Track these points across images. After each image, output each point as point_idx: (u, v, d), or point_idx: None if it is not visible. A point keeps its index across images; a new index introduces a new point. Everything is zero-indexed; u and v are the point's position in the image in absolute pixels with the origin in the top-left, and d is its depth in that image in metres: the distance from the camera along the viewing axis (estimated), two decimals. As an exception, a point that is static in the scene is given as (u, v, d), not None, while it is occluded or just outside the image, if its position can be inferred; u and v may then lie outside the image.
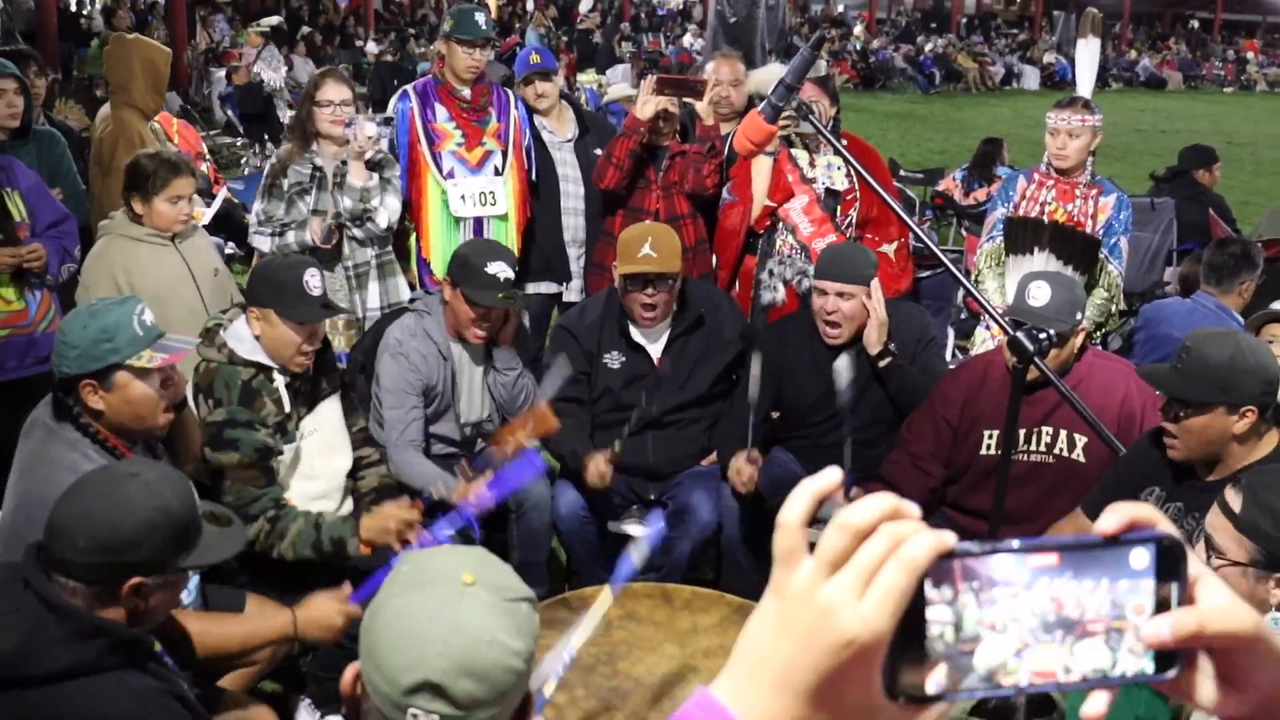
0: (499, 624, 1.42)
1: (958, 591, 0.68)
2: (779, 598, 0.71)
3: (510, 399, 3.99)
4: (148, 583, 2.06)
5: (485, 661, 1.40)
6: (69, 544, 2.02)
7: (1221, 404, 2.73)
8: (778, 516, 0.72)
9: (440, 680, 1.39)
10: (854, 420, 3.95)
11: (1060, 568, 0.69)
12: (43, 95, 5.85)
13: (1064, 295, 3.28)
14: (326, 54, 18.49)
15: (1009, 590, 0.69)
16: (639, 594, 3.25)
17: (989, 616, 0.68)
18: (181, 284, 4.00)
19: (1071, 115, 4.46)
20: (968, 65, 28.31)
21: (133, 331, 2.75)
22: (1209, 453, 2.79)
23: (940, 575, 0.68)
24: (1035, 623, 0.69)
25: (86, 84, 12.37)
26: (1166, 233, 7.20)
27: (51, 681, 1.95)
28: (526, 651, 1.44)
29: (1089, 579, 0.69)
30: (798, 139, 4.64)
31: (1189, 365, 2.78)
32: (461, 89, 4.78)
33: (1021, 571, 0.69)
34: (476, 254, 3.78)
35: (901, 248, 4.66)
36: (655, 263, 3.78)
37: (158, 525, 2.07)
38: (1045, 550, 0.69)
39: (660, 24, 28.92)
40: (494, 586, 1.46)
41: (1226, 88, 33.42)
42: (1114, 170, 13.04)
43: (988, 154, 9.38)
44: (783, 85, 2.40)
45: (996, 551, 0.69)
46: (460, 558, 1.50)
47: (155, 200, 3.93)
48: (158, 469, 2.28)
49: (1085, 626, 0.69)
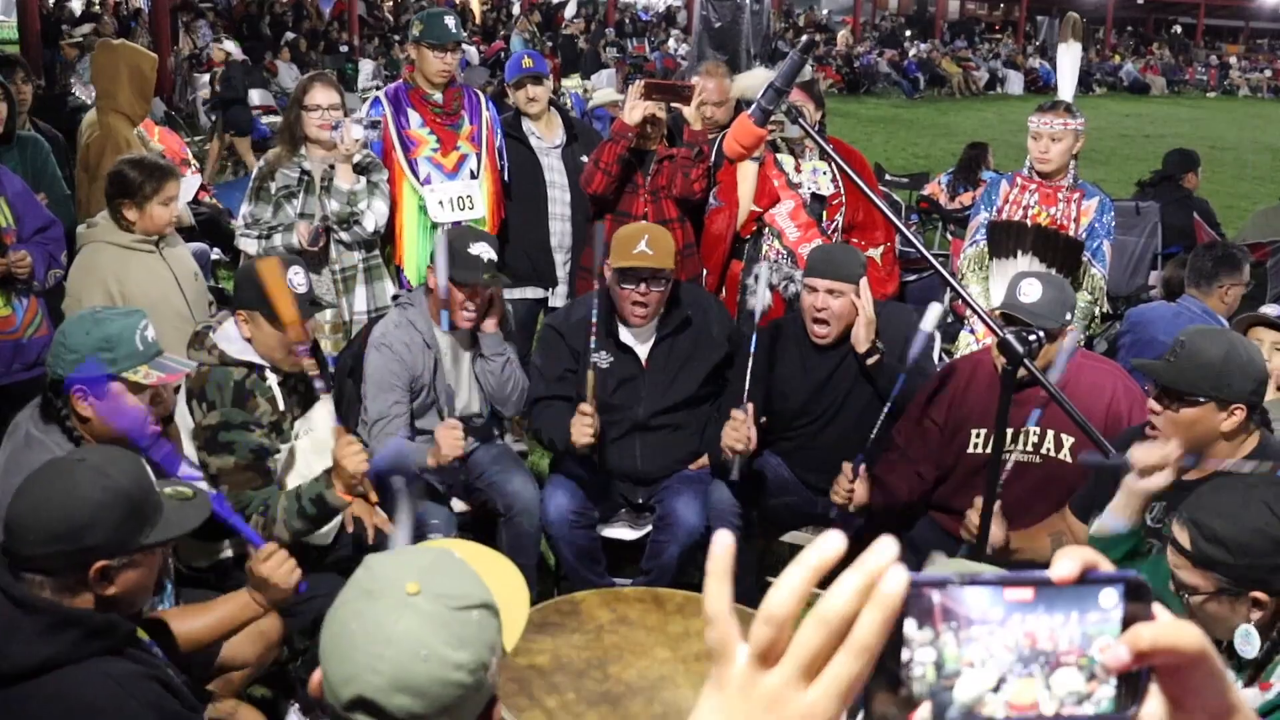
0: (437, 637, 1.39)
1: (938, 632, 0.70)
2: (720, 691, 0.69)
3: (499, 386, 3.99)
4: (112, 565, 2.05)
5: (420, 677, 1.37)
6: (26, 539, 2.01)
7: (1213, 399, 2.74)
8: (704, 607, 0.70)
9: (373, 696, 1.37)
10: (842, 419, 3.98)
11: (1034, 603, 0.71)
12: (28, 101, 5.83)
13: (1054, 294, 3.31)
14: (311, 60, 18.45)
15: (986, 628, 0.70)
16: (630, 598, 3.26)
17: (968, 654, 0.70)
18: (169, 290, 4.00)
19: (1053, 119, 4.48)
20: (952, 70, 28.42)
21: (134, 345, 2.75)
22: (1194, 448, 2.80)
23: (922, 616, 0.69)
24: (1011, 657, 0.70)
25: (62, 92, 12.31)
26: (1151, 236, 7.24)
27: (29, 677, 1.94)
28: (473, 663, 1.41)
29: (1060, 613, 0.71)
30: (783, 144, 4.66)
31: (1182, 359, 2.79)
32: (434, 93, 4.78)
33: (997, 608, 0.70)
34: (459, 238, 3.81)
35: (888, 252, 4.68)
36: (650, 259, 3.79)
37: (110, 505, 2.05)
38: (1021, 585, 0.71)
39: (644, 29, 28.94)
40: (440, 595, 1.42)
41: (1209, 92, 33.67)
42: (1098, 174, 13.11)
43: (973, 158, 9.41)
44: (772, 89, 2.41)
45: (975, 584, 0.71)
46: (413, 562, 1.46)
47: (150, 205, 3.92)
48: (105, 452, 2.25)
49: (1059, 658, 0.71)
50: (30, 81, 6.15)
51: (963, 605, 0.70)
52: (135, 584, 2.12)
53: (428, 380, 3.87)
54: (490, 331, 3.93)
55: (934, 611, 0.69)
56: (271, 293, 2.97)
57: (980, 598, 0.70)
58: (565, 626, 3.07)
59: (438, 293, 3.71)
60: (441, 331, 3.86)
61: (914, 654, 0.69)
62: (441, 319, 3.72)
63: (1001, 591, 0.70)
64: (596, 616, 3.13)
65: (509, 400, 4.04)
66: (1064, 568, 0.72)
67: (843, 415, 3.97)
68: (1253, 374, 2.75)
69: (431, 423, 3.94)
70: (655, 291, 3.87)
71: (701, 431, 4.06)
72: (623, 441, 4.05)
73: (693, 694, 2.79)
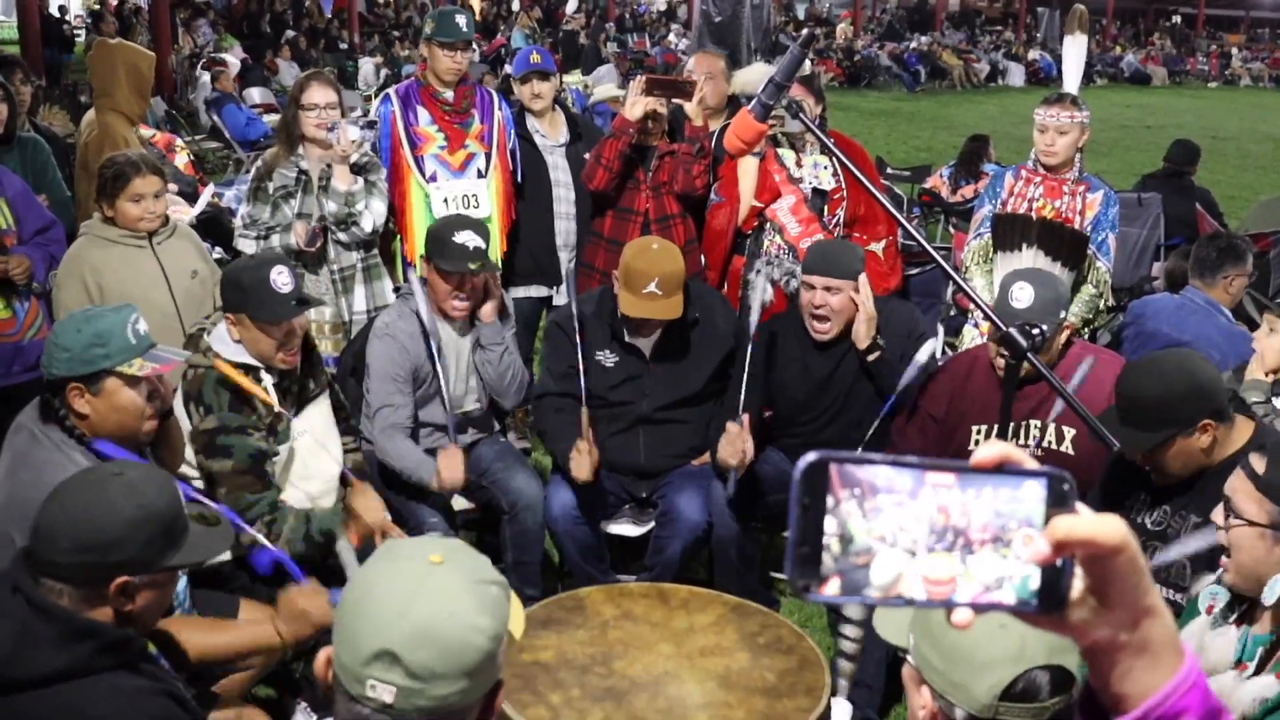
0: (463, 599, 1.41)
1: (839, 499, 0.70)
2: None
3: (498, 377, 3.99)
4: (134, 582, 2.05)
5: (445, 632, 1.39)
6: (53, 546, 2.00)
7: (1175, 433, 2.74)
8: None
9: (397, 649, 1.38)
10: (845, 416, 3.97)
11: (951, 486, 0.72)
12: (28, 102, 5.83)
13: (1046, 294, 3.29)
14: (311, 58, 18.44)
15: (893, 498, 0.70)
16: (635, 594, 3.25)
17: (878, 527, 0.70)
18: (154, 287, 3.96)
19: (1060, 112, 4.47)
20: (953, 63, 28.37)
21: (126, 339, 2.74)
22: (1192, 470, 2.81)
23: (835, 491, 0.70)
24: (924, 529, 0.71)
25: (71, 90, 12.33)
26: (1154, 228, 7.22)
27: (41, 685, 1.93)
28: (493, 630, 1.43)
29: (973, 490, 0.72)
30: (784, 139, 4.65)
31: (1128, 412, 2.80)
32: (444, 91, 4.77)
33: (903, 479, 0.71)
34: (446, 227, 3.81)
35: (890, 246, 4.67)
36: (660, 304, 3.77)
37: (142, 524, 2.05)
38: (943, 470, 0.72)
39: (645, 24, 28.91)
40: (462, 568, 1.45)
41: (1211, 83, 33.59)
42: (1099, 166, 13.08)
43: (974, 151, 9.39)
44: (772, 83, 2.40)
45: (898, 465, 0.72)
46: (433, 543, 1.50)
47: (118, 202, 3.91)
48: (142, 469, 2.27)
49: (977, 540, 0.72)
50: (30, 82, 6.15)
51: (878, 478, 0.71)
52: (153, 602, 2.13)
53: (430, 370, 3.86)
54: (488, 320, 3.92)
55: (845, 484, 0.70)
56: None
57: (897, 475, 0.71)
58: (570, 622, 3.07)
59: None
60: (441, 321, 3.86)
61: (826, 528, 0.70)
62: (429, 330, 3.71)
63: (923, 474, 0.72)
64: (601, 612, 3.13)
65: (508, 391, 4.04)
66: (985, 453, 0.74)
67: (845, 412, 3.96)
68: (1198, 393, 2.74)
69: (433, 414, 3.94)
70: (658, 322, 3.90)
71: (706, 426, 4.05)
72: (626, 435, 4.04)
73: (697, 689, 2.79)
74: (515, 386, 4.05)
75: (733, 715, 2.71)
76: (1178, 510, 2.85)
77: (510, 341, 4.02)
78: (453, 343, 3.96)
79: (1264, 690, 2.17)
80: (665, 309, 3.79)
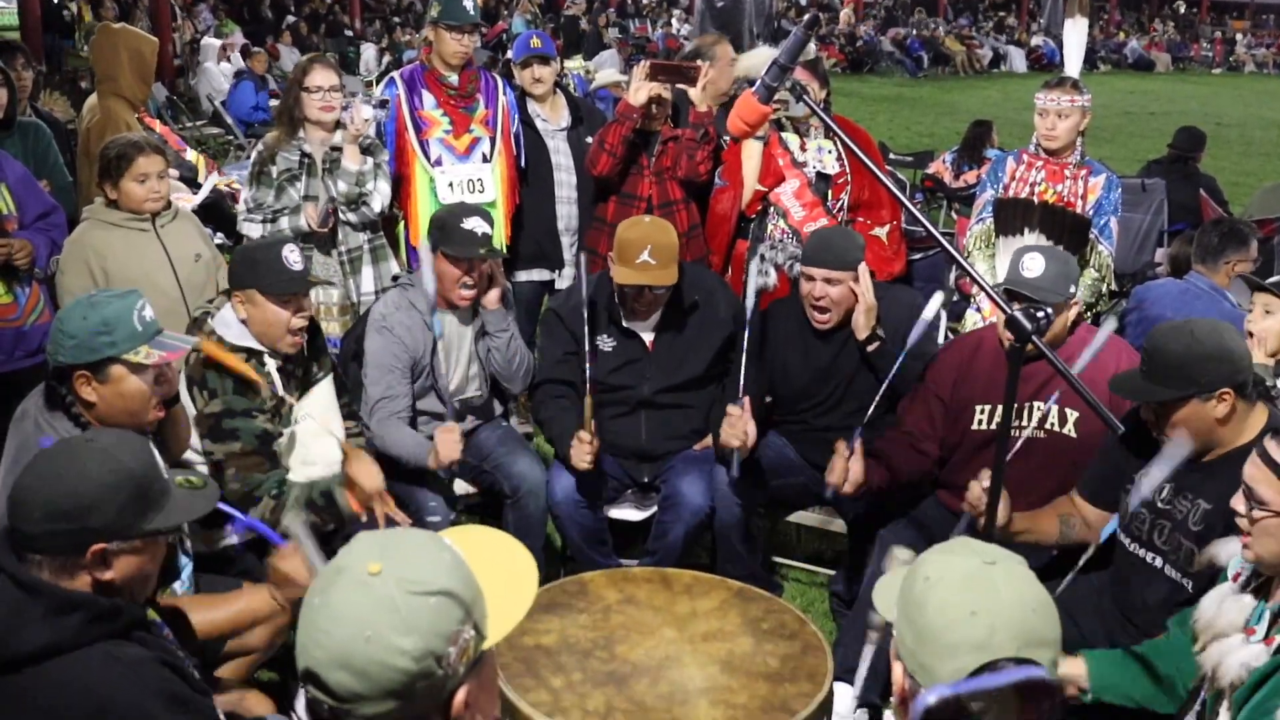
0: (384, 620, 1.38)
1: None
2: None
3: (506, 363, 3.99)
4: (110, 548, 2.02)
5: (360, 658, 1.37)
6: (28, 515, 1.98)
7: (1193, 394, 2.74)
8: None
9: (318, 670, 1.38)
10: (846, 403, 3.97)
11: None
12: (29, 88, 5.80)
13: (1058, 268, 3.29)
14: (312, 43, 18.39)
15: None
16: (638, 578, 3.25)
17: None
18: (158, 270, 3.97)
19: (1060, 96, 4.46)
20: (955, 48, 28.30)
21: (132, 326, 2.72)
22: (1200, 440, 2.79)
23: None
24: None
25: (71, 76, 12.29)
26: (1157, 214, 7.22)
27: (34, 661, 1.91)
28: (417, 649, 1.38)
29: None
30: (788, 123, 4.63)
31: (1151, 366, 2.81)
32: (449, 75, 4.76)
33: None
34: (452, 215, 3.80)
35: (894, 230, 4.66)
36: (653, 273, 3.78)
37: (115, 487, 2.02)
38: None
39: (647, 10, 28.81)
40: (400, 578, 1.40)
41: (1215, 69, 33.48)
42: (1103, 152, 13.06)
43: (977, 136, 9.39)
44: (776, 65, 2.39)
45: None
46: (386, 542, 1.46)
47: (123, 182, 3.91)
48: (115, 434, 2.22)
49: None
50: (31, 67, 6.12)
51: None
52: (135, 570, 2.08)
53: (428, 362, 3.86)
54: (493, 308, 3.92)
55: None
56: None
57: None
58: (572, 606, 3.07)
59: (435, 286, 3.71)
60: (442, 310, 3.85)
61: None
62: (434, 324, 3.69)
63: None
64: (604, 596, 3.13)
65: (516, 376, 4.05)
66: None
67: (846, 399, 3.96)
68: (1223, 357, 2.73)
69: (431, 404, 3.94)
70: (656, 294, 3.88)
71: (707, 410, 4.05)
72: (628, 418, 4.04)
73: (699, 674, 2.79)
74: (523, 371, 4.06)
75: (735, 700, 2.71)
76: (1183, 491, 2.84)
77: (514, 327, 4.01)
78: (455, 330, 3.96)
79: (1253, 658, 2.19)
80: (659, 276, 3.79)
